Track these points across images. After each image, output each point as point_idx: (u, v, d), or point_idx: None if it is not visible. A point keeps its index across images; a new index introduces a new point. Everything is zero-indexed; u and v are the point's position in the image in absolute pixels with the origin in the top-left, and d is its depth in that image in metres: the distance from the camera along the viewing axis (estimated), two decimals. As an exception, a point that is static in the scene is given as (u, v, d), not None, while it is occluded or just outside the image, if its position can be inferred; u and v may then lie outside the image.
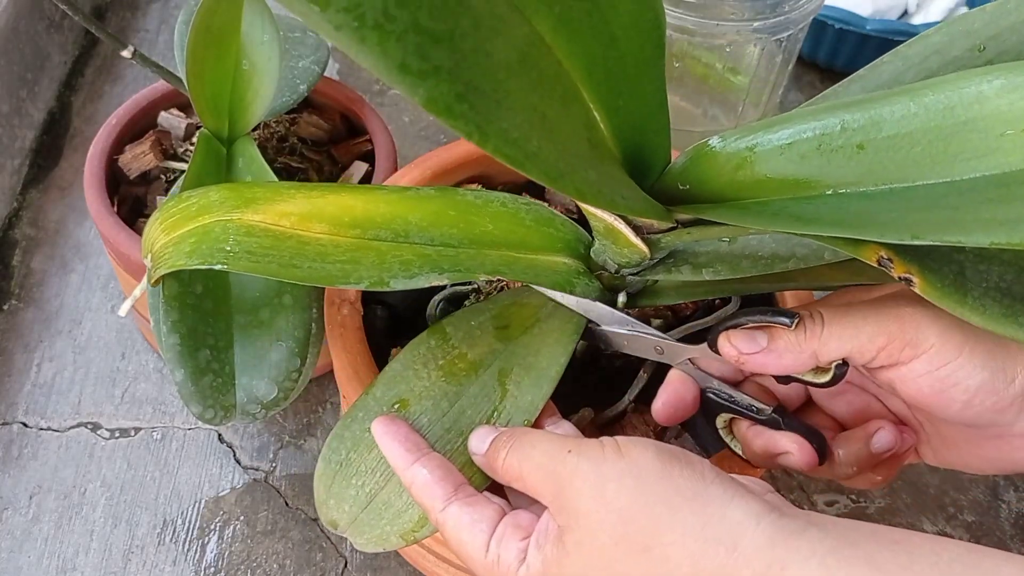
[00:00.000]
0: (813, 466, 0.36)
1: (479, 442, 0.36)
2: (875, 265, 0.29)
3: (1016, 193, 0.27)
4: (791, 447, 0.36)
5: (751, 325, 0.34)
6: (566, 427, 0.37)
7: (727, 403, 0.37)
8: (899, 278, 0.29)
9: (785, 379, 0.36)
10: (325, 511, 0.37)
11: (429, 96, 0.22)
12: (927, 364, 0.32)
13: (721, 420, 0.38)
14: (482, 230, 0.38)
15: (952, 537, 0.54)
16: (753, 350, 0.34)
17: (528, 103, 0.26)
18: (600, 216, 0.34)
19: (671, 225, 0.34)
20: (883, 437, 0.36)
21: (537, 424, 0.37)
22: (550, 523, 0.32)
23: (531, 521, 0.33)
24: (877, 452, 0.36)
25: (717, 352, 0.35)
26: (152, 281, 0.38)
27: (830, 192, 0.31)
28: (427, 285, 0.35)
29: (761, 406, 0.37)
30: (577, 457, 0.32)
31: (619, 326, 0.39)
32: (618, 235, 0.34)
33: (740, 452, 0.39)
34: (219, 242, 0.35)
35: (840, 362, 0.34)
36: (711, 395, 0.38)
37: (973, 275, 0.30)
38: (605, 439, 0.32)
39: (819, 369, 0.35)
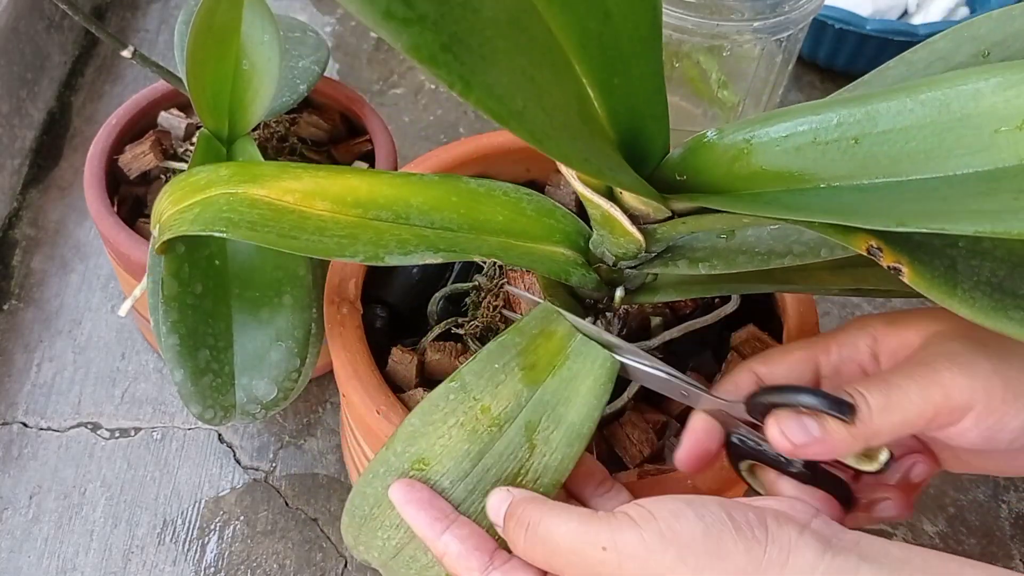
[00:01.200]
0: (840, 519, 0.35)
1: (495, 514, 0.34)
2: (865, 254, 0.29)
3: (1005, 186, 0.28)
4: (819, 505, 0.34)
5: (801, 410, 0.32)
6: (621, 496, 0.36)
7: (754, 451, 0.35)
8: (888, 267, 0.29)
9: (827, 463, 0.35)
10: (356, 552, 0.37)
11: (412, 43, 0.22)
12: (974, 422, 0.31)
13: (744, 464, 0.37)
14: (483, 217, 0.38)
15: (953, 537, 0.54)
16: (805, 441, 0.32)
17: (516, 64, 0.26)
18: (596, 203, 0.34)
19: (667, 215, 0.34)
20: (920, 469, 0.36)
21: (575, 489, 0.36)
22: None
23: None
24: (915, 482, 0.36)
25: (759, 425, 0.33)
26: (156, 247, 0.38)
27: (824, 185, 0.31)
28: (422, 263, 0.35)
29: (791, 458, 0.34)
30: (618, 556, 0.29)
31: (641, 361, 0.36)
32: (614, 223, 0.34)
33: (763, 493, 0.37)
34: (222, 212, 0.35)
35: (887, 451, 0.33)
36: (736, 441, 0.36)
37: (965, 269, 0.30)
38: (640, 518, 0.29)
39: (864, 456, 0.33)
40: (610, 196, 0.34)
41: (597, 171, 0.29)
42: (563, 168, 0.35)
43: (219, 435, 0.58)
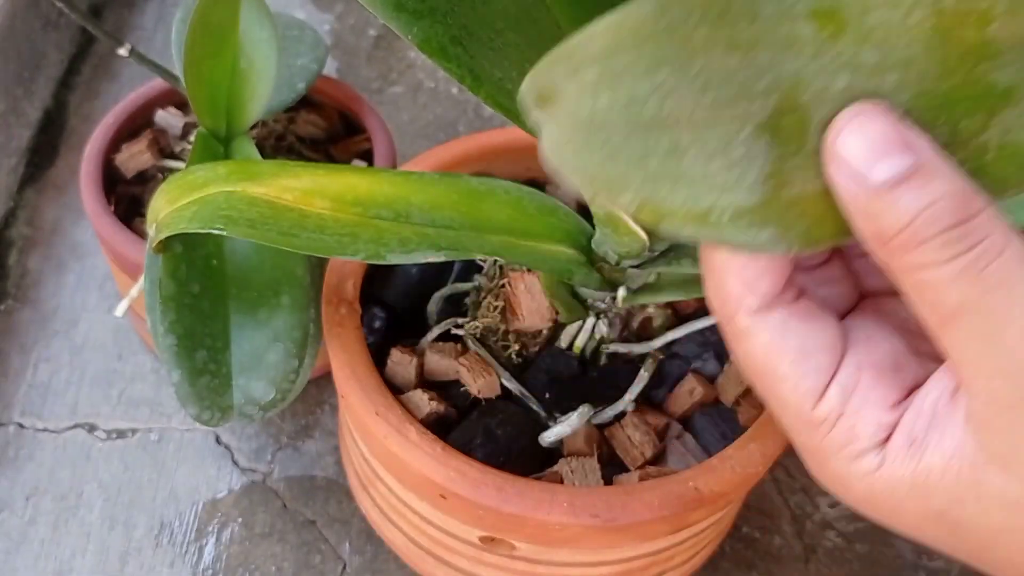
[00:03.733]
0: None
1: (880, 147, 0.19)
2: None
3: None
4: None
5: None
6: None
7: None
8: None
9: None
10: (591, 186, 0.21)
11: (424, 36, 0.22)
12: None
13: None
14: (485, 215, 0.38)
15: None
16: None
17: (525, 57, 0.26)
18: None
19: None
20: None
21: None
22: (963, 429, 0.20)
23: (893, 366, 0.22)
24: None
25: None
26: (153, 246, 0.38)
27: None
28: (423, 261, 0.35)
29: None
30: None
31: None
32: (618, 221, 0.34)
33: None
34: (221, 209, 0.35)
35: None
36: None
37: None
38: None
39: None
40: (613, 194, 0.34)
41: None
42: None
43: (216, 436, 0.58)
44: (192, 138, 0.52)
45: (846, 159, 0.19)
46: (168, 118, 0.58)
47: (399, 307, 0.47)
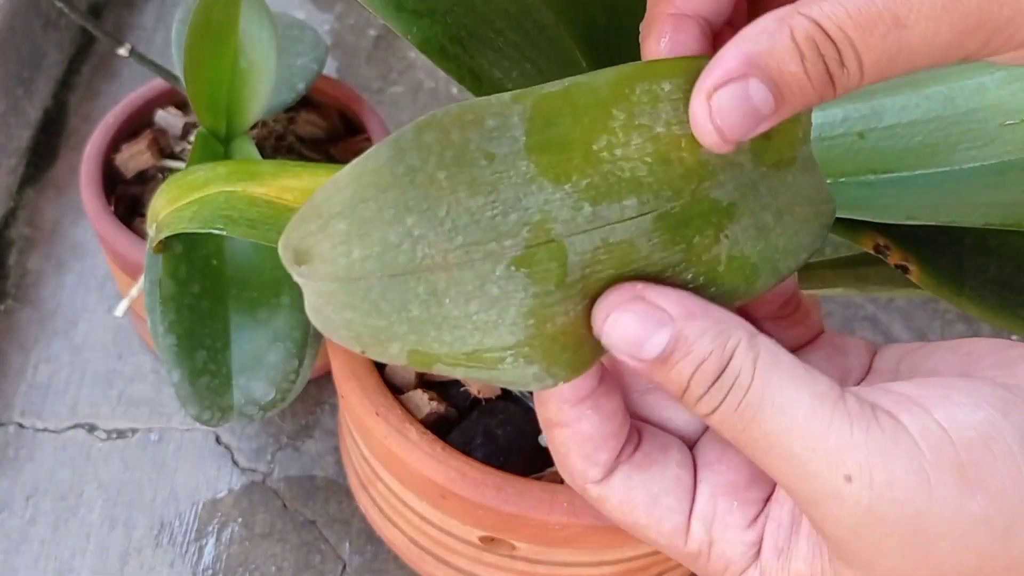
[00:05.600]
0: None
1: (641, 331, 0.20)
2: (872, 252, 0.29)
3: (1012, 179, 0.28)
4: None
5: None
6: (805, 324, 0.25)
7: None
8: (895, 266, 0.29)
9: None
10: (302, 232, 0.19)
11: (423, 36, 0.22)
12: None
13: None
14: None
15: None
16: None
17: (526, 56, 0.26)
18: None
19: None
20: None
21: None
22: (810, 530, 0.21)
23: (747, 482, 0.22)
24: None
25: None
26: (153, 246, 0.38)
27: (830, 181, 0.31)
28: None
29: None
30: (871, 498, 0.19)
31: None
32: None
33: None
34: (221, 209, 0.35)
35: None
36: None
37: (971, 267, 0.30)
38: (921, 430, 0.19)
39: None
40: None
41: None
42: None
43: (216, 436, 0.58)
44: (192, 138, 0.52)
45: (617, 348, 0.21)
46: (168, 118, 0.58)
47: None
